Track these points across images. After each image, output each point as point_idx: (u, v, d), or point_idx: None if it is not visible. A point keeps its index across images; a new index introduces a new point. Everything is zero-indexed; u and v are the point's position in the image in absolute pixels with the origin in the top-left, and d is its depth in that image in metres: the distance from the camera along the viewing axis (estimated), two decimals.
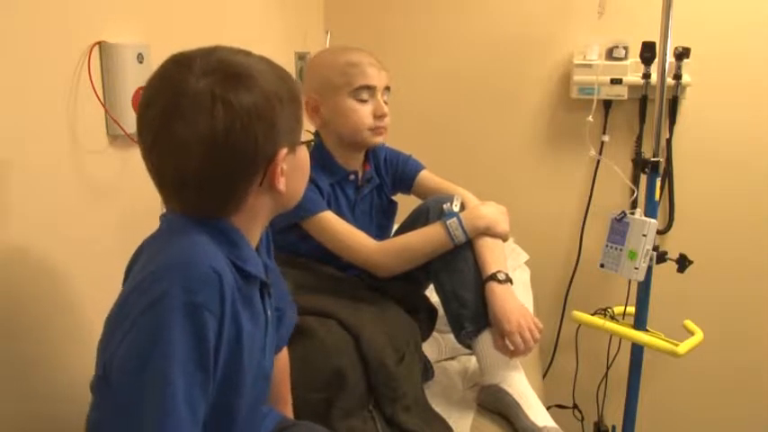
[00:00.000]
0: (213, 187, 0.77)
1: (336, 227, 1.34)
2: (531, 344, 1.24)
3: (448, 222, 1.30)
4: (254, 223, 0.82)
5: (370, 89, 1.36)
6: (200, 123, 0.72)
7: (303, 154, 0.85)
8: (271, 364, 0.91)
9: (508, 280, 1.29)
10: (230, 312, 0.73)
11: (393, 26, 2.14)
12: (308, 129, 1.48)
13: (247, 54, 0.79)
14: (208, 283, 0.70)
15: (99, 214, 1.10)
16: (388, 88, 1.40)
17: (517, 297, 1.29)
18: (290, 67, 1.88)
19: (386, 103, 1.40)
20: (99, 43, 1.07)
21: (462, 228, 1.30)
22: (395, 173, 1.51)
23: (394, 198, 1.54)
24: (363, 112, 1.36)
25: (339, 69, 1.36)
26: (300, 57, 1.93)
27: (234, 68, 0.75)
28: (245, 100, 0.74)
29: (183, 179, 0.75)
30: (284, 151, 0.79)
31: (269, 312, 0.87)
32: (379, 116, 1.37)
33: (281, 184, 0.80)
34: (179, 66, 0.75)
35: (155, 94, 0.75)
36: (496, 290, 1.27)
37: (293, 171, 0.83)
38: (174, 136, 0.73)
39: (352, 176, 1.43)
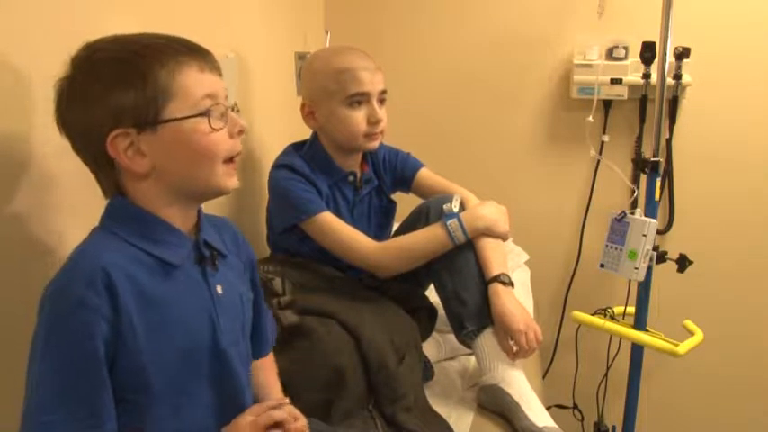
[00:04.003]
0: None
1: (335, 228, 1.34)
2: (534, 345, 1.26)
3: (448, 223, 1.30)
4: (159, 203, 0.80)
5: (364, 95, 1.35)
6: None
7: (173, 132, 0.78)
8: (233, 341, 0.86)
9: (510, 283, 1.30)
10: (134, 301, 0.74)
11: (393, 26, 2.14)
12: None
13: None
14: (92, 280, 0.72)
15: None
16: (383, 92, 1.38)
17: (518, 300, 1.30)
18: (289, 67, 1.88)
19: (382, 102, 1.38)
20: None
21: (462, 228, 1.30)
22: (394, 172, 1.51)
23: (393, 198, 1.54)
24: (357, 119, 1.35)
25: (331, 77, 1.35)
26: (300, 57, 1.93)
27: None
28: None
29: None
30: (117, 132, 0.76)
31: (214, 287, 0.84)
32: (373, 122, 1.36)
33: (135, 165, 0.78)
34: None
35: None
36: (501, 292, 1.28)
37: (162, 149, 0.78)
38: None
39: (350, 177, 1.43)
